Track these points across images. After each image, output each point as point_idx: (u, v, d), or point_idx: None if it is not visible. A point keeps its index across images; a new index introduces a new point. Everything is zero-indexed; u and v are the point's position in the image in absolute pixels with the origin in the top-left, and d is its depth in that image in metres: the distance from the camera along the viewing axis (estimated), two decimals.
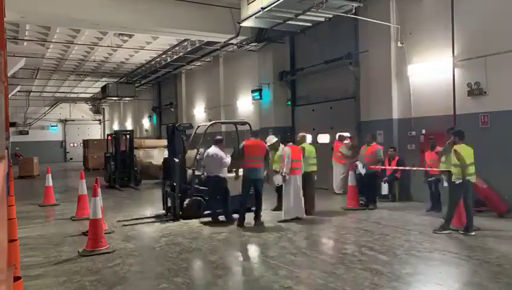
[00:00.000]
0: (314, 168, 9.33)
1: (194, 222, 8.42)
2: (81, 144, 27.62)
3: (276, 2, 10.11)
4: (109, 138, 16.47)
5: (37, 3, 10.95)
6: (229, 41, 14.51)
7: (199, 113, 21.13)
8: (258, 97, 15.54)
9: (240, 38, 13.99)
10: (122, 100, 31.03)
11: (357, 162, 10.06)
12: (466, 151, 7.05)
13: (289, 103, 15.05)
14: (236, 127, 10.22)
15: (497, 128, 8.69)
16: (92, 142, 24.36)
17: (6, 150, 3.61)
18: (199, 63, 19.77)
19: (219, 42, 15.36)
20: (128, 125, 32.33)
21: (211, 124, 9.85)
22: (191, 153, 9.78)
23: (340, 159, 11.78)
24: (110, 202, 10.99)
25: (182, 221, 8.49)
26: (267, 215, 8.81)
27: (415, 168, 9.82)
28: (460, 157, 6.94)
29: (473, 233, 6.96)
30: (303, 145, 9.25)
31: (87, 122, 37.13)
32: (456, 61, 9.42)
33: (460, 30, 9.34)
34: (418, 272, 5.26)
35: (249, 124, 9.71)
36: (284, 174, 8.38)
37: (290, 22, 11.77)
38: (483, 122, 8.93)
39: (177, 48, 17.64)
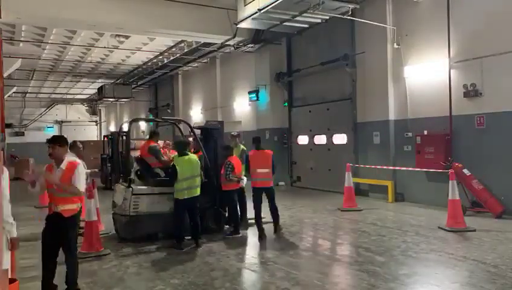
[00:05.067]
0: None
1: None
2: None
3: (273, 3, 10.12)
4: (105, 139, 16.42)
5: (33, 5, 10.90)
6: (226, 43, 14.49)
7: (196, 114, 21.11)
8: (255, 98, 15.54)
9: (237, 39, 13.99)
10: (118, 101, 30.93)
11: None
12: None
13: (286, 104, 15.07)
14: None
15: (493, 130, 8.73)
16: (89, 144, 24.24)
17: (2, 151, 3.58)
18: (196, 64, 19.75)
19: (216, 43, 15.34)
20: (125, 127, 32.21)
21: None
22: None
23: None
24: (106, 204, 10.96)
25: None
26: None
27: (410, 169, 9.85)
28: None
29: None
30: None
31: (84, 124, 37.01)
32: (452, 62, 9.46)
33: (456, 32, 9.37)
34: (415, 273, 5.27)
35: None
36: None
37: (286, 24, 11.77)
38: (479, 124, 8.97)
39: (173, 49, 17.60)
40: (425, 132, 9.95)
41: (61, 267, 4.79)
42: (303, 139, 14.62)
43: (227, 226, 7.80)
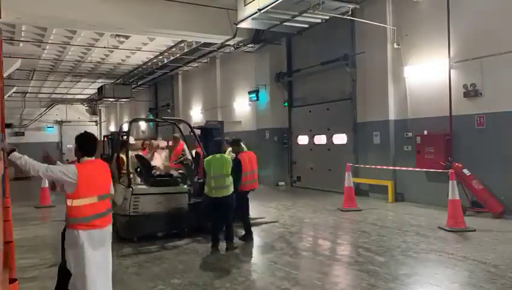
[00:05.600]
0: None
1: None
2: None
3: (273, 3, 10.11)
4: (105, 139, 16.39)
5: (33, 5, 10.89)
6: (226, 43, 14.49)
7: (196, 114, 21.12)
8: (255, 98, 15.53)
9: (237, 39, 13.98)
10: (118, 101, 30.91)
11: None
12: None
13: (286, 104, 15.07)
14: None
15: (493, 130, 8.72)
16: None
17: (2, 152, 3.59)
18: (196, 64, 19.73)
19: (216, 43, 15.34)
20: (125, 127, 32.20)
21: None
22: None
23: None
24: None
25: None
26: None
27: (410, 169, 9.85)
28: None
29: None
30: None
31: (84, 124, 36.97)
32: (452, 62, 9.46)
33: (456, 32, 9.37)
34: (415, 273, 5.27)
35: None
36: None
37: (286, 24, 11.77)
38: (479, 124, 8.97)
39: (173, 49, 17.58)
40: (425, 132, 9.95)
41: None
42: (303, 139, 14.61)
43: None
